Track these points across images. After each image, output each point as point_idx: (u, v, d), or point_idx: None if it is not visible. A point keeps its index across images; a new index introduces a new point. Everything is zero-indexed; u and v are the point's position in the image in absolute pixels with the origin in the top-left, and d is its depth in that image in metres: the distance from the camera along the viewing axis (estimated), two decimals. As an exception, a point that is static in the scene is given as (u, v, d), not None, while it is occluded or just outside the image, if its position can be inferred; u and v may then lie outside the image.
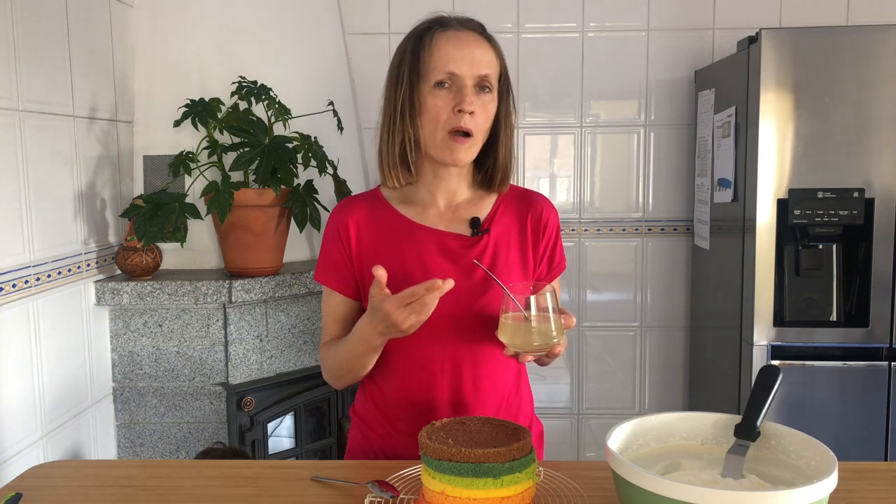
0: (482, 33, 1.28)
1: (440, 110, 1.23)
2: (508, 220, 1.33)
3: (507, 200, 1.35)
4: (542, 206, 1.36)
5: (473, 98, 1.22)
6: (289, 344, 2.30)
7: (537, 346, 1.13)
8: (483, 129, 1.26)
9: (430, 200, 1.32)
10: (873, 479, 1.15)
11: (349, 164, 2.63)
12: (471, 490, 0.97)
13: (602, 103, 2.92)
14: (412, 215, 1.32)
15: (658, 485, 0.83)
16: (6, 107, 1.74)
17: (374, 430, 1.36)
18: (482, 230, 1.30)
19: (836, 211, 2.21)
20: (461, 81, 1.22)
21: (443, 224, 1.31)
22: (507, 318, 1.15)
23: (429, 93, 1.24)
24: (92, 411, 2.09)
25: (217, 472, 1.23)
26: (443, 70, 1.22)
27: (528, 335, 1.13)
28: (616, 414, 3.00)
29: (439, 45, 1.24)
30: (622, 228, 2.96)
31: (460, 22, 1.27)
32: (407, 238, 1.29)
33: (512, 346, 1.15)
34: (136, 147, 2.35)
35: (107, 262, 2.20)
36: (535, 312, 1.13)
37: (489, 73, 1.24)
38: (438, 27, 1.26)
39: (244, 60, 2.34)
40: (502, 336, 1.16)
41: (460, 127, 1.22)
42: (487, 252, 1.29)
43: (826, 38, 2.20)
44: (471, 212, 1.32)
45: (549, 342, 1.13)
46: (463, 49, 1.23)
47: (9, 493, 1.10)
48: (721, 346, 2.57)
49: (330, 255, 1.34)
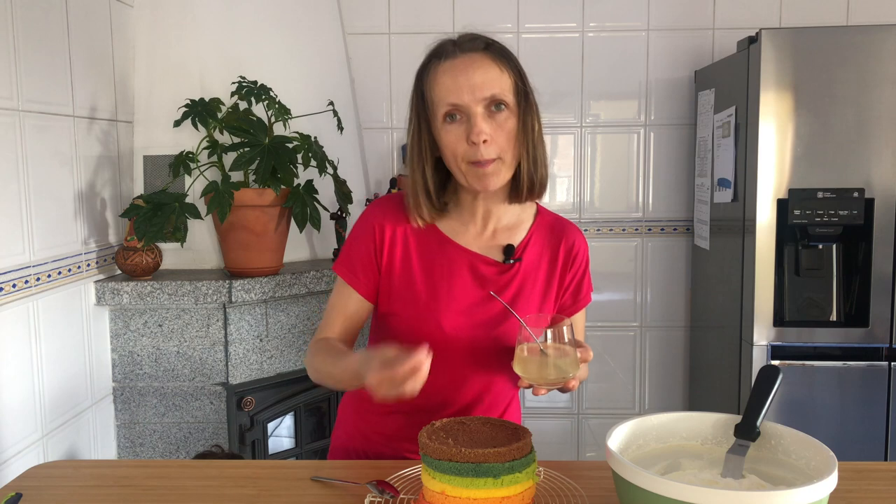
0: (485, 50, 1.20)
1: (455, 144, 1.19)
2: (540, 250, 1.31)
3: (541, 228, 1.33)
4: (575, 237, 1.34)
5: (484, 124, 1.17)
6: (289, 344, 2.30)
7: (552, 380, 1.12)
8: (507, 148, 1.20)
9: (469, 218, 1.29)
10: (873, 479, 1.15)
11: (349, 164, 2.64)
12: (471, 490, 0.97)
13: (602, 103, 2.92)
14: (449, 231, 1.29)
15: (658, 485, 0.83)
16: (6, 107, 1.74)
17: (358, 429, 1.36)
18: (515, 258, 1.28)
19: (836, 211, 2.21)
20: (468, 110, 1.18)
21: (477, 246, 1.29)
22: (523, 351, 1.14)
23: (441, 129, 1.20)
24: (92, 411, 2.09)
25: (217, 472, 1.23)
26: (445, 103, 1.18)
27: (543, 368, 1.12)
28: (616, 414, 3.00)
29: (438, 79, 1.19)
30: (622, 228, 2.96)
31: (458, 46, 1.21)
32: (440, 253, 1.27)
33: (527, 378, 1.14)
34: (136, 147, 2.35)
35: (107, 262, 2.20)
36: (551, 346, 1.12)
37: (496, 91, 1.18)
38: (436, 59, 1.21)
39: (244, 60, 2.34)
40: (517, 368, 1.15)
41: (476, 159, 1.18)
42: (516, 281, 1.27)
43: (826, 38, 2.20)
44: (506, 237, 1.30)
45: (564, 376, 1.12)
46: (460, 77, 1.17)
47: (9, 493, 1.10)
48: (721, 346, 2.57)
49: (357, 251, 1.30)
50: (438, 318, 1.24)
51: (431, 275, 1.26)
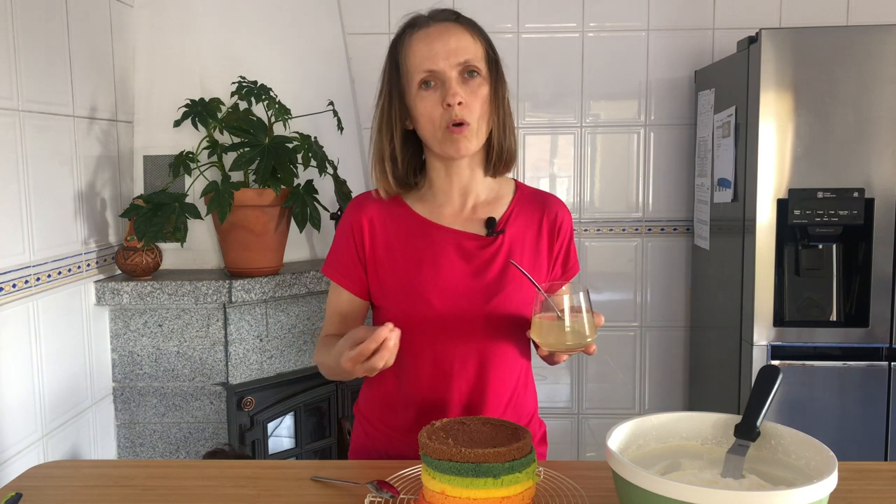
0: (457, 20, 1.26)
1: (431, 110, 1.23)
2: (523, 222, 1.33)
3: (522, 201, 1.35)
4: (557, 208, 1.36)
5: (459, 88, 1.21)
6: (289, 344, 2.30)
7: (570, 346, 1.14)
8: (480, 114, 1.24)
9: (446, 199, 1.32)
10: (873, 479, 1.15)
11: (349, 164, 2.64)
12: (471, 490, 0.97)
13: (602, 103, 2.92)
14: (427, 213, 1.31)
15: (658, 485, 0.83)
16: (6, 107, 1.74)
17: (377, 430, 1.36)
18: (497, 231, 1.30)
19: (836, 211, 2.21)
20: (443, 76, 1.22)
21: (458, 223, 1.31)
22: (541, 318, 1.15)
23: (416, 97, 1.24)
24: (92, 411, 2.09)
25: (217, 472, 1.23)
26: (421, 70, 1.22)
27: (561, 335, 1.14)
28: (616, 414, 3.00)
29: (413, 47, 1.24)
30: (622, 228, 2.96)
31: (431, 17, 1.26)
32: (422, 237, 1.29)
33: (545, 345, 1.16)
34: (136, 147, 2.35)
35: (107, 262, 2.20)
36: (568, 312, 1.14)
37: (469, 57, 1.23)
38: (410, 29, 1.26)
39: (244, 60, 2.34)
40: (535, 336, 1.16)
41: (453, 120, 1.22)
42: (502, 253, 1.29)
43: (826, 38, 2.20)
44: (486, 212, 1.32)
45: (582, 342, 1.14)
46: (436, 43, 1.22)
47: (9, 493, 1.10)
48: (721, 346, 2.57)
49: (341, 251, 1.33)
50: (430, 301, 1.25)
51: (419, 260, 1.27)
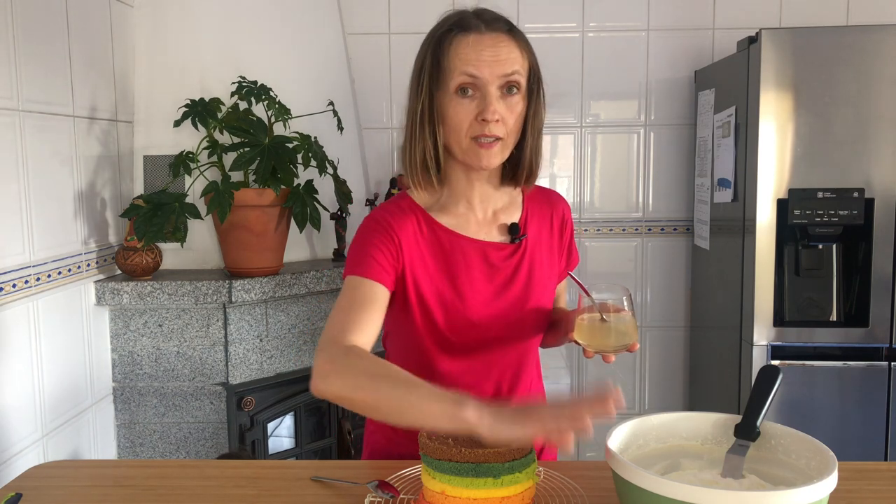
0: (509, 31, 1.21)
1: (462, 119, 1.18)
2: (538, 222, 1.33)
3: (532, 202, 1.35)
4: (562, 203, 1.39)
5: (498, 104, 1.17)
6: (289, 344, 2.30)
7: (616, 346, 1.16)
8: (513, 131, 1.20)
9: (468, 208, 1.29)
10: (873, 479, 1.15)
11: (349, 164, 2.64)
12: (471, 490, 0.97)
13: (602, 103, 2.92)
14: (453, 226, 1.27)
15: (658, 485, 0.83)
16: (6, 107, 1.74)
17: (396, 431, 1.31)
18: (520, 236, 1.29)
19: (836, 211, 2.21)
20: (484, 86, 1.17)
21: (483, 233, 1.29)
22: (584, 320, 1.17)
23: (451, 100, 1.18)
24: (92, 411, 2.09)
25: (217, 472, 1.23)
26: (463, 73, 1.16)
27: (606, 336, 1.16)
28: (616, 414, 2.99)
29: (458, 50, 1.17)
30: (622, 228, 2.96)
31: (484, 22, 1.19)
32: (453, 252, 1.26)
33: (592, 347, 1.17)
34: (136, 147, 2.35)
35: (107, 262, 2.20)
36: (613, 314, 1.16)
37: (516, 69, 1.18)
38: (459, 30, 1.19)
39: (244, 60, 2.34)
40: (581, 338, 1.18)
41: (483, 134, 1.18)
42: (526, 258, 1.29)
43: (826, 38, 2.20)
44: (506, 217, 1.31)
45: (626, 342, 1.16)
46: (486, 51, 1.17)
47: (9, 493, 1.10)
48: (721, 346, 2.57)
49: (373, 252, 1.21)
50: (467, 315, 1.24)
51: (454, 276, 1.24)
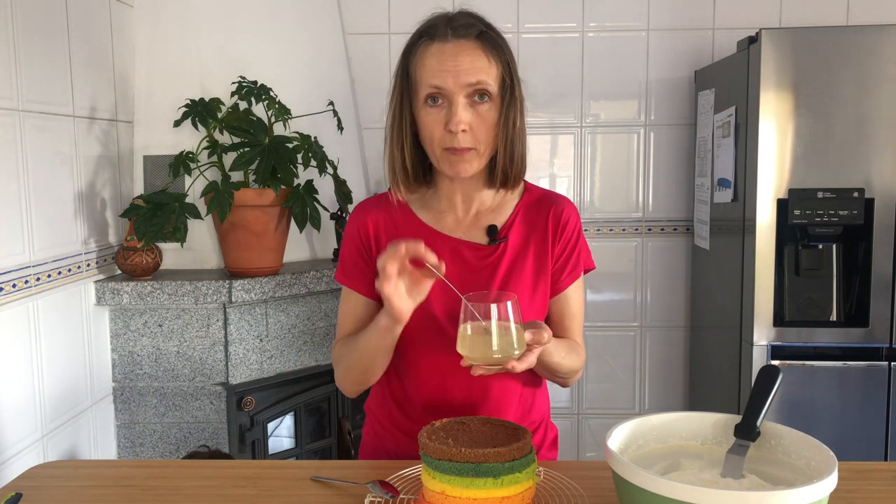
0: (478, 37, 1.19)
1: (433, 128, 1.19)
2: (528, 226, 1.30)
3: (528, 205, 1.32)
4: (563, 206, 1.32)
5: (465, 113, 1.17)
6: (289, 344, 2.30)
7: (494, 360, 1.06)
8: (485, 139, 1.20)
9: (449, 206, 1.30)
10: (873, 479, 1.15)
11: (349, 164, 2.63)
12: (471, 490, 0.97)
13: (602, 103, 2.92)
14: (430, 221, 1.29)
15: (658, 485, 0.83)
16: (6, 107, 1.74)
17: (386, 430, 1.35)
18: (499, 238, 1.27)
19: (836, 211, 2.21)
20: (449, 95, 1.17)
21: (460, 231, 1.29)
22: (466, 329, 1.08)
23: (421, 110, 1.20)
24: (92, 411, 2.09)
25: (217, 472, 1.23)
26: (428, 84, 1.17)
27: (486, 347, 1.06)
28: (616, 414, 3.00)
29: (424, 61, 1.18)
30: (622, 228, 2.96)
31: (452, 29, 1.19)
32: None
33: (469, 358, 1.08)
34: (136, 147, 2.35)
35: (107, 262, 2.20)
36: (495, 323, 1.06)
37: (481, 78, 1.17)
38: (426, 38, 1.20)
39: (244, 60, 2.34)
40: (460, 348, 1.09)
41: (452, 146, 1.18)
42: (504, 262, 1.27)
43: (826, 38, 2.20)
44: (490, 219, 1.29)
45: (507, 356, 1.06)
46: (448, 62, 1.16)
47: (9, 493, 1.10)
48: (721, 346, 2.57)
49: (350, 256, 1.32)
50: (431, 309, 1.23)
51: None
